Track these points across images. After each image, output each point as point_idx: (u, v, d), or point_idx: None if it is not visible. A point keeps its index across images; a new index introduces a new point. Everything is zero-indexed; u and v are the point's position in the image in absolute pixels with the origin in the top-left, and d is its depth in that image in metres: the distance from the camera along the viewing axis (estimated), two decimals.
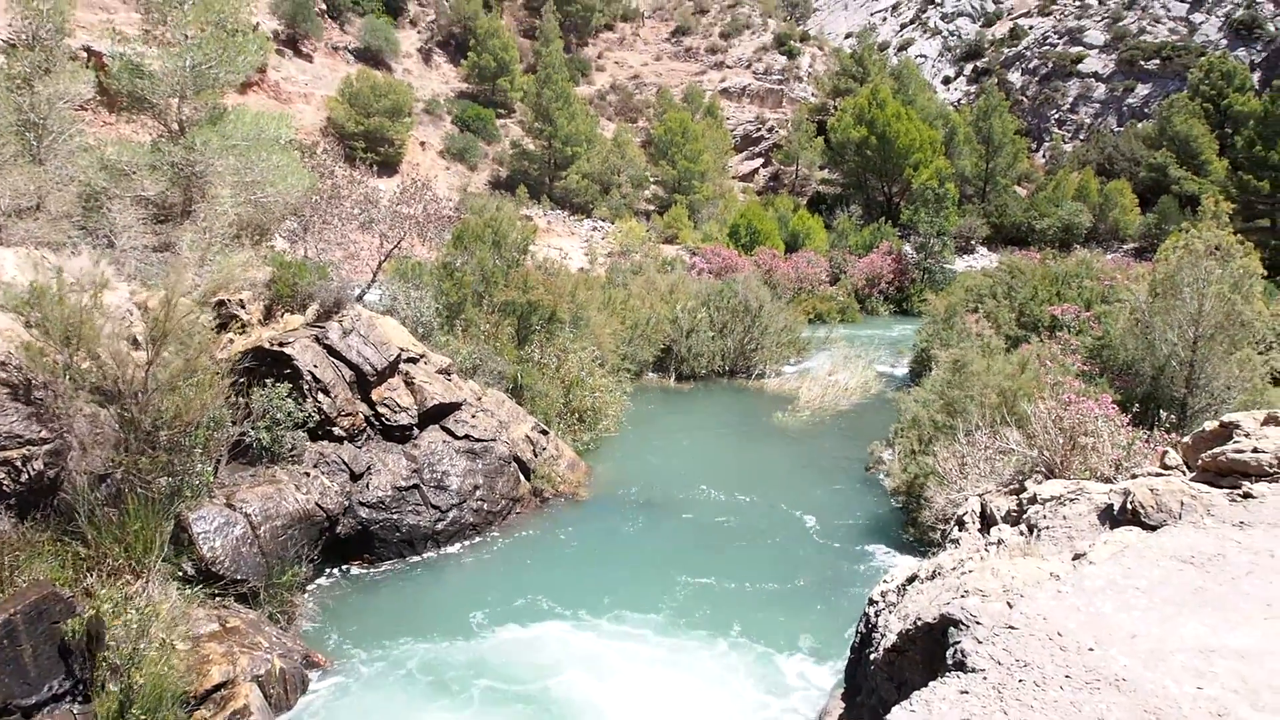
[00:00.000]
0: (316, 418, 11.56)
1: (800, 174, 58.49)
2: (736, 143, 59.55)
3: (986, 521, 8.48)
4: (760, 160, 61.43)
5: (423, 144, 49.16)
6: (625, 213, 47.49)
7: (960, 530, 8.74)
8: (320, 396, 11.69)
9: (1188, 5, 73.70)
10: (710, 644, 9.89)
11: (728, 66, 67.23)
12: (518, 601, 10.76)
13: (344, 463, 11.62)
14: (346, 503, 11.32)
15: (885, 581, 7.30)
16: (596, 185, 49.79)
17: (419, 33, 59.19)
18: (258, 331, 12.33)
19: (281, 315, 13.01)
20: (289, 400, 11.09)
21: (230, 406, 10.03)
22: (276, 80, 44.93)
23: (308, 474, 10.99)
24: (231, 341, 11.63)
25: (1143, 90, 70.34)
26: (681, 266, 34.15)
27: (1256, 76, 64.19)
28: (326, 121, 44.49)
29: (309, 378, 11.68)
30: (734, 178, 58.17)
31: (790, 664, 9.60)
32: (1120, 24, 74.81)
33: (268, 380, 11.13)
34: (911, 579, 7.01)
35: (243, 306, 12.33)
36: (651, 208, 51.09)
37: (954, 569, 6.67)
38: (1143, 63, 70.98)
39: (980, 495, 9.08)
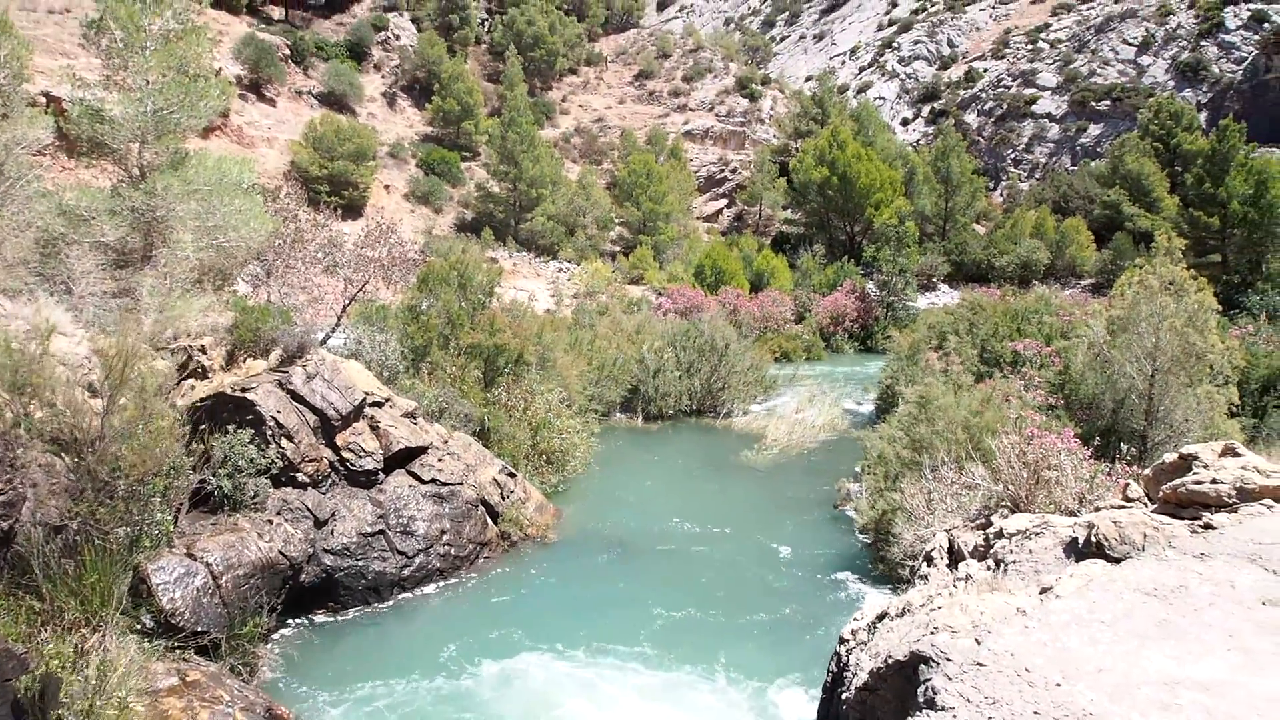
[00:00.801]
0: (280, 464, 11.38)
1: (764, 214, 59.19)
2: (700, 184, 60.21)
3: (954, 557, 8.52)
4: (724, 201, 62.12)
5: (387, 187, 49.17)
6: (591, 254, 47.70)
7: (929, 566, 8.76)
8: (283, 442, 11.53)
9: (1135, 48, 76.01)
10: (676, 683, 9.80)
11: (690, 109, 68.16)
12: (491, 639, 10.62)
13: (308, 509, 11.44)
14: (311, 550, 11.13)
15: (856, 619, 7.28)
16: (562, 227, 50.02)
17: (383, 77, 59.47)
18: (219, 377, 12.17)
19: (244, 360, 12.86)
20: (251, 446, 10.92)
21: (191, 454, 9.86)
22: (240, 124, 44.84)
23: (271, 521, 10.80)
24: (193, 388, 11.46)
25: (1095, 130, 72.22)
26: (647, 307, 34.30)
27: (1203, 116, 66.15)
28: (290, 165, 44.40)
29: (272, 423, 11.52)
30: (698, 218, 58.74)
31: (767, 699, 9.52)
32: (1071, 66, 76.93)
33: (230, 426, 10.96)
34: (882, 616, 7.00)
35: (204, 352, 12.18)
36: (617, 249, 51.38)
37: (923, 605, 6.67)
38: (1094, 104, 72.96)
39: (948, 531, 9.12)
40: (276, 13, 58.69)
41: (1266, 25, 69.21)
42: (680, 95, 69.77)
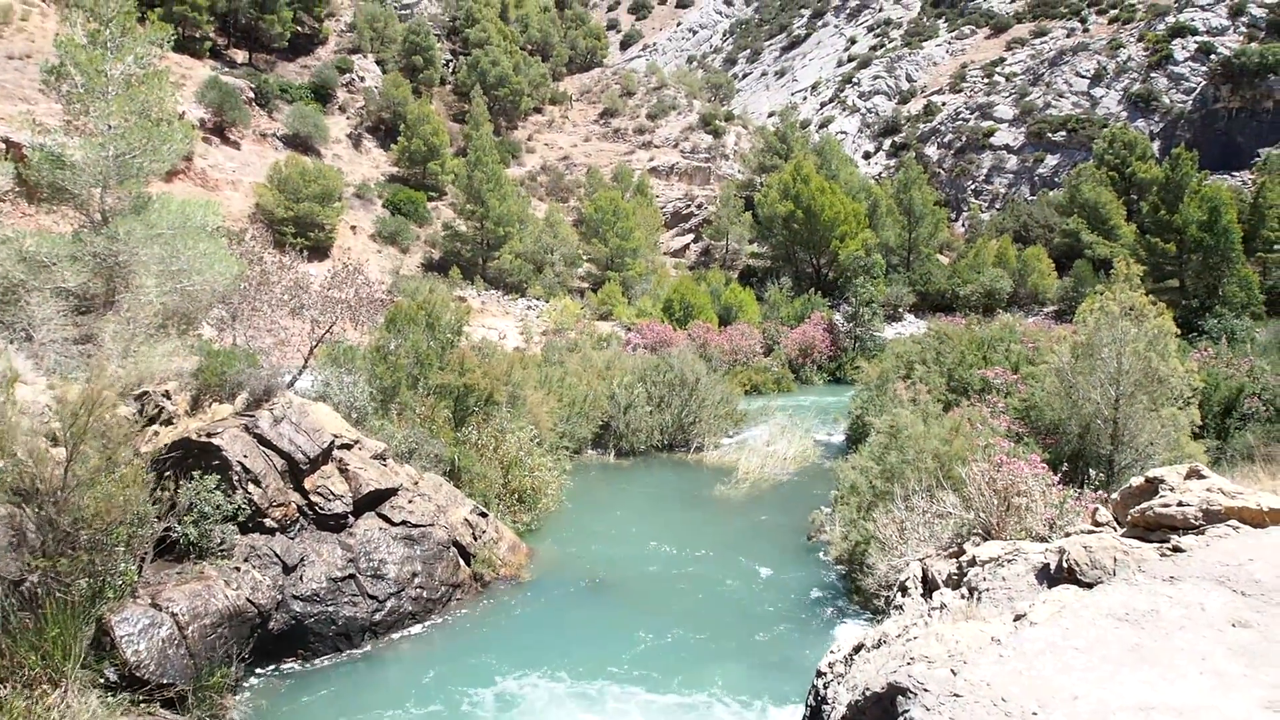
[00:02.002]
0: (247, 509, 11.20)
1: (730, 248, 59.67)
2: (667, 219, 60.65)
3: (928, 586, 8.54)
4: (691, 236, 62.57)
5: (354, 228, 49.03)
6: (559, 291, 47.77)
7: (903, 596, 8.77)
8: (251, 487, 11.36)
9: (1088, 80, 77.92)
10: (653, 716, 9.73)
11: (655, 146, 68.81)
12: (465, 683, 10.47)
13: (276, 555, 11.25)
14: (279, 597, 10.93)
15: (832, 652, 7.27)
16: (530, 265, 50.10)
17: (348, 119, 59.53)
18: (184, 423, 11.99)
19: (209, 405, 12.70)
20: (217, 492, 10.75)
21: (155, 501, 9.68)
22: (203, 168, 44.60)
23: (238, 568, 10.61)
24: (157, 434, 11.28)
25: (1052, 160, 73.74)
26: (617, 342, 34.34)
27: (1156, 145, 67.82)
28: (255, 208, 44.17)
29: (238, 468, 11.35)
30: (666, 254, 59.09)
31: None
32: (1027, 99, 78.68)
33: (195, 472, 10.78)
34: (858, 648, 6.99)
35: (168, 397, 12.01)
36: (585, 285, 51.49)
37: (899, 636, 6.68)
38: (1050, 135, 74.57)
39: (921, 560, 9.15)
40: (240, 56, 58.70)
41: (1213, 56, 71.30)
42: (645, 132, 70.45)
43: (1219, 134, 68.90)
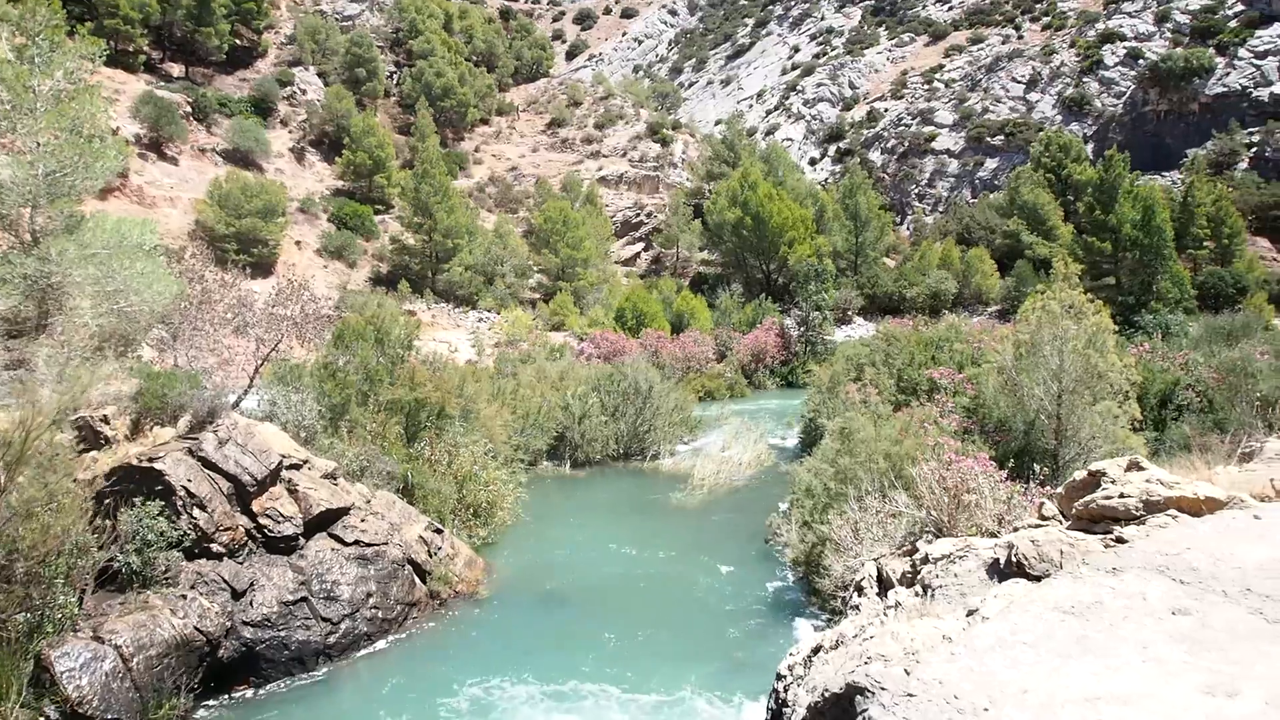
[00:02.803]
0: (192, 535, 10.95)
1: (681, 256, 59.92)
2: (617, 229, 60.74)
3: (884, 585, 8.62)
4: (641, 244, 62.73)
5: (298, 243, 48.37)
6: (511, 302, 47.57)
7: (859, 596, 8.84)
8: (196, 512, 11.10)
9: (1024, 85, 79.74)
10: None
11: (604, 155, 68.92)
12: (423, 703, 10.32)
13: (224, 581, 11.01)
14: (229, 623, 10.69)
15: (791, 654, 7.29)
16: (480, 276, 49.83)
17: (290, 132, 58.75)
18: (124, 448, 11.69)
19: (151, 429, 12.40)
20: (161, 519, 10.49)
21: (95, 530, 9.42)
22: (140, 184, 43.71)
23: (184, 596, 10.35)
24: (95, 460, 10.98)
25: (991, 164, 75.30)
26: (570, 353, 34.26)
27: (1090, 147, 69.62)
28: (195, 224, 43.38)
29: (182, 493, 11.10)
30: (617, 263, 59.16)
31: None
32: (966, 104, 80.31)
33: (137, 499, 10.52)
34: (817, 650, 7.03)
35: (106, 422, 11.70)
36: (537, 296, 51.34)
37: (856, 636, 6.72)
38: (989, 139, 76.17)
39: (876, 559, 9.23)
40: (176, 70, 57.65)
41: (1141, 61, 73.35)
42: (593, 142, 70.55)
43: (1149, 136, 70.93)
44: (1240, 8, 73.38)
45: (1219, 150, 65.32)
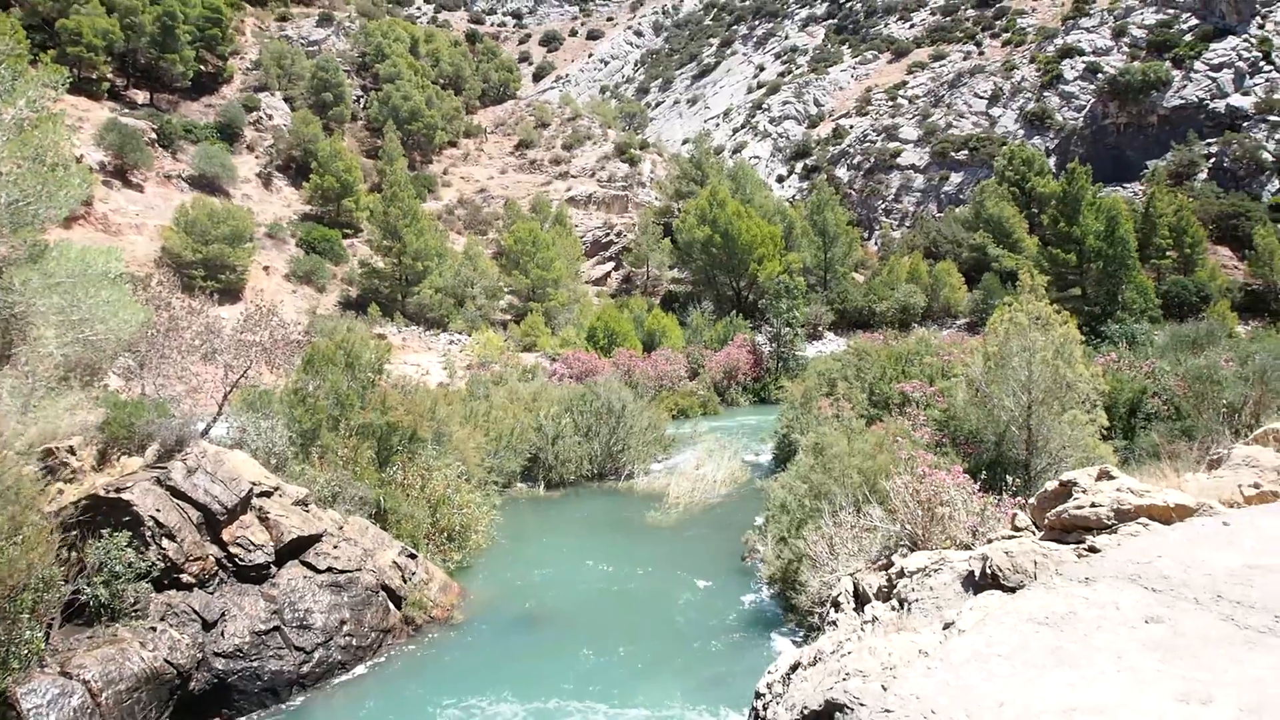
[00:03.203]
0: (161, 566, 10.78)
1: (651, 275, 60.07)
2: (587, 248, 60.82)
3: (860, 600, 8.65)
4: (611, 264, 62.84)
5: (266, 268, 47.99)
6: (482, 324, 47.41)
7: (836, 611, 8.86)
8: (165, 542, 10.94)
9: (986, 100, 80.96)
10: None
11: (572, 176, 69.10)
12: (413, 718, 10.23)
13: (195, 611, 10.84)
14: (200, 655, 10.52)
15: (770, 672, 7.28)
16: (450, 299, 49.66)
17: (257, 157, 58.40)
18: (91, 479, 11.51)
19: (118, 459, 12.21)
20: (129, 550, 10.32)
21: (62, 563, 9.25)
22: (105, 212, 43.23)
23: (154, 628, 10.18)
24: (61, 492, 10.79)
25: (956, 178, 76.28)
26: (542, 373, 34.17)
27: (1052, 160, 70.77)
28: (162, 251, 42.92)
29: (151, 523, 10.93)
30: (587, 282, 59.18)
31: None
32: (930, 120, 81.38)
33: (104, 530, 10.34)
34: (795, 667, 7.02)
35: (73, 453, 11.52)
36: (508, 317, 51.23)
37: (834, 652, 6.73)
38: (953, 153, 77.19)
39: (852, 574, 9.27)
40: (141, 96, 57.19)
41: (1100, 75, 74.78)
42: (561, 163, 70.72)
43: (1109, 148, 72.25)
44: (1194, 21, 75.07)
45: (1178, 161, 66.61)
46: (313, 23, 74.39)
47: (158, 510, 11.09)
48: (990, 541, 7.67)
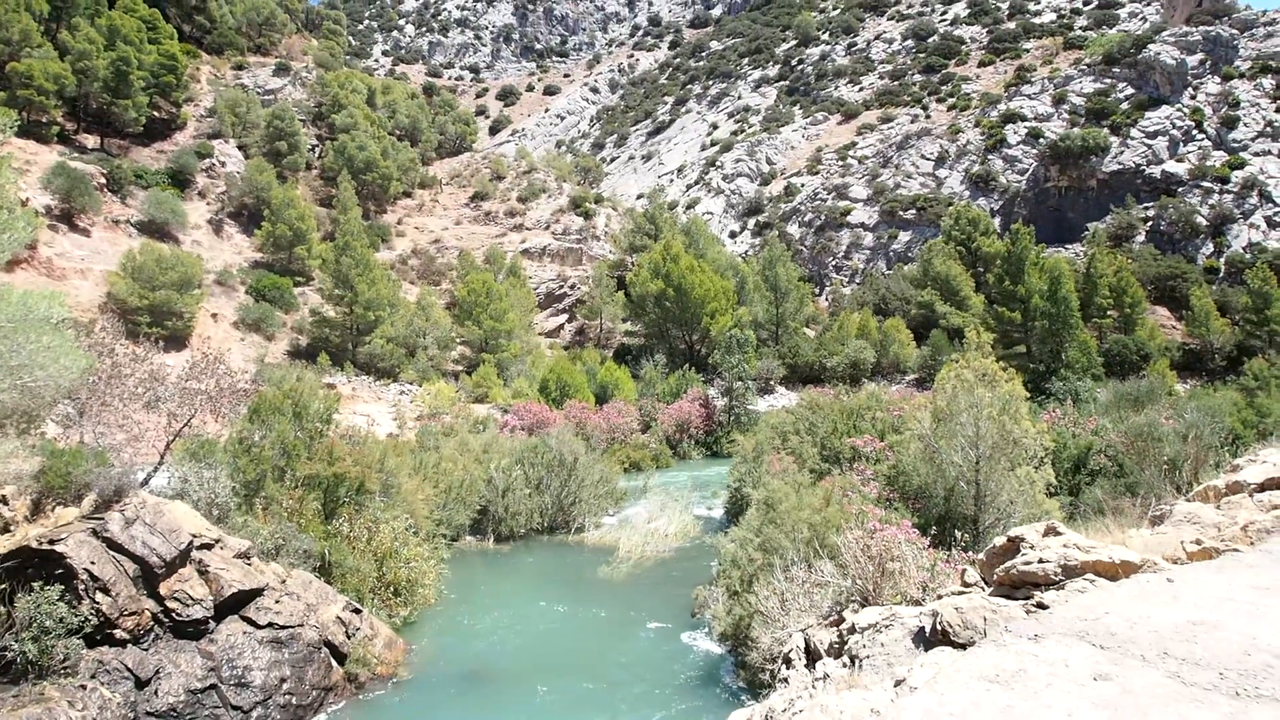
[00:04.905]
0: (94, 620, 10.39)
1: (605, 327, 60.21)
2: (540, 300, 60.85)
3: (812, 656, 8.60)
4: (565, 316, 62.90)
5: (215, 315, 47.23)
6: (433, 375, 47.00)
7: (788, 668, 8.81)
8: (99, 596, 10.56)
9: (933, 162, 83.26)
10: None
11: (527, 228, 69.35)
12: None
13: (127, 669, 10.44)
14: (132, 715, 10.11)
15: None
16: (402, 349, 49.23)
17: (208, 204, 57.79)
18: (24, 529, 11.11)
19: (53, 509, 11.81)
20: (61, 604, 9.94)
21: None
22: (49, 256, 42.35)
23: (84, 687, 9.78)
24: None
25: (904, 237, 78.02)
26: (494, 425, 33.90)
27: (997, 221, 72.82)
28: (107, 297, 42.06)
29: (85, 576, 10.55)
30: (540, 334, 59.11)
31: None
32: (879, 180, 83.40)
33: (36, 583, 9.96)
34: None
35: (5, 502, 11.12)
36: (460, 368, 50.87)
37: (785, 710, 6.67)
38: (901, 213, 79.06)
39: (803, 630, 9.23)
40: (91, 141, 56.42)
41: (1041, 140, 77.44)
42: (516, 215, 70.98)
43: (1051, 210, 74.65)
44: (1130, 91, 78.37)
45: (1117, 224, 68.94)
46: (269, 72, 74.31)
47: (93, 563, 10.72)
48: (941, 597, 7.70)
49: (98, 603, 10.48)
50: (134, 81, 56.25)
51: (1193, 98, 76.65)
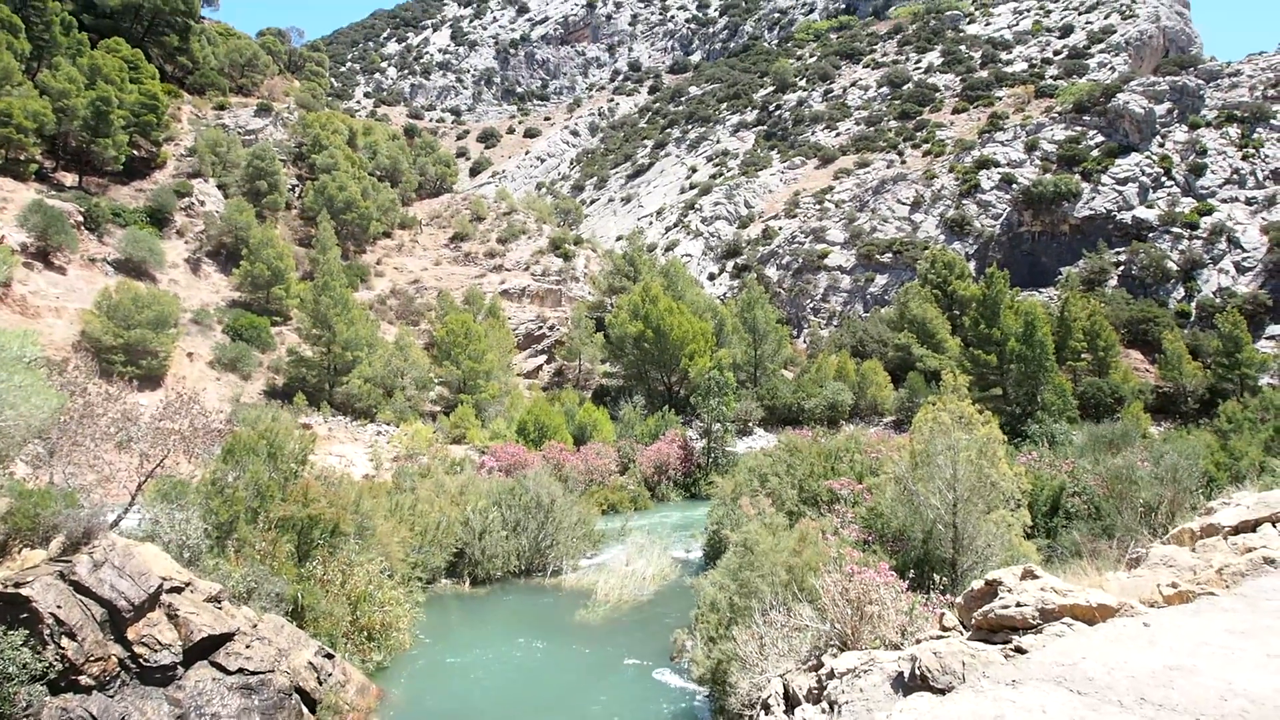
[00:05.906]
0: (59, 666, 10.16)
1: (583, 368, 60.20)
2: (519, 341, 60.80)
3: (790, 702, 8.53)
4: (544, 357, 62.85)
5: (190, 355, 46.84)
6: (411, 415, 46.71)
7: (767, 714, 8.73)
8: (64, 641, 10.33)
9: (909, 206, 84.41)
10: None
11: (506, 269, 69.49)
12: None
13: (92, 717, 10.19)
14: None
15: None
16: (379, 389, 48.92)
17: (186, 243, 57.56)
18: None
19: (19, 551, 11.59)
20: (25, 650, 9.72)
21: None
22: (23, 294, 41.95)
23: None
24: None
25: (881, 280, 78.78)
26: (471, 466, 33.66)
27: (972, 265, 73.72)
28: (81, 335, 41.63)
29: (50, 620, 10.33)
30: (519, 375, 58.98)
31: None
32: (855, 223, 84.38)
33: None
34: None
35: None
36: (438, 409, 50.59)
37: None
38: (878, 256, 79.89)
39: (782, 675, 9.17)
40: (70, 179, 56.20)
41: (1014, 186, 78.78)
42: (496, 256, 71.15)
43: (1025, 254, 75.74)
44: (1100, 139, 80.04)
45: (1090, 268, 70.00)
46: (250, 112, 74.48)
47: (59, 607, 10.50)
48: (919, 641, 7.68)
49: (63, 648, 10.25)
50: (114, 120, 56.21)
51: (1161, 145, 78.34)
